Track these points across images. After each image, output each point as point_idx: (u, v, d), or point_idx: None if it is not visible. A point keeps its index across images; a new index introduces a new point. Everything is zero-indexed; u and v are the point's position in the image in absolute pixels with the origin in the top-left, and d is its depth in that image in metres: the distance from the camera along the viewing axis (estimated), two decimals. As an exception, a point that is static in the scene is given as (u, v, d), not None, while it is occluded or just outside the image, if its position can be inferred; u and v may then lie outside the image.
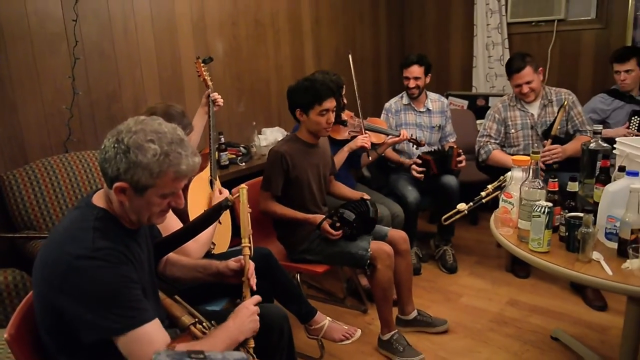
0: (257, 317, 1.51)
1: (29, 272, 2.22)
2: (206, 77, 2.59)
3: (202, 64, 2.62)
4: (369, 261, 2.43)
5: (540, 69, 3.21)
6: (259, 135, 3.66)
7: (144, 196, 1.35)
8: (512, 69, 3.20)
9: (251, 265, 1.63)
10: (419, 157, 3.32)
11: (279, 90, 4.02)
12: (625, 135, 3.28)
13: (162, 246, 1.68)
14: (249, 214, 1.64)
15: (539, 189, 1.91)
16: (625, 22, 4.14)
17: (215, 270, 1.70)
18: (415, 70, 3.43)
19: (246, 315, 1.49)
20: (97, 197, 1.43)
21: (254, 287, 1.60)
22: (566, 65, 4.49)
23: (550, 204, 1.80)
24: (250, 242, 1.62)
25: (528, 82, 3.17)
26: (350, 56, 3.28)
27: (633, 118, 3.35)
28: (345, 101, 3.21)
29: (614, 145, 2.12)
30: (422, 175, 3.27)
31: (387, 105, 3.61)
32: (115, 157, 1.31)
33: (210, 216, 1.68)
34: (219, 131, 3.35)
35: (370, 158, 3.13)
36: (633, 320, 2.00)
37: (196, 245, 1.91)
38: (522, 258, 1.88)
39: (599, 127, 2.32)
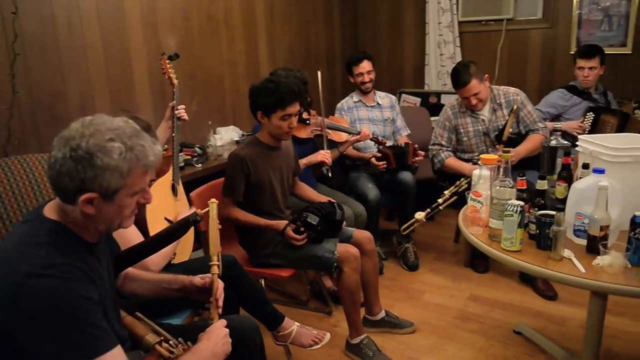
0: (230, 339, 1.42)
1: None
2: (171, 75, 2.44)
3: (167, 61, 2.46)
4: (335, 264, 2.37)
5: (486, 76, 3.16)
6: (214, 135, 3.52)
7: (115, 200, 1.22)
8: (458, 83, 3.13)
9: (220, 285, 1.52)
10: (378, 150, 3.32)
11: (233, 87, 3.90)
12: (577, 130, 3.37)
13: (122, 260, 1.54)
14: (218, 231, 1.53)
15: (509, 187, 1.90)
16: (570, 22, 4.27)
17: (179, 285, 1.58)
18: (367, 65, 3.48)
19: (219, 337, 1.38)
20: (49, 209, 1.28)
21: (220, 311, 1.50)
22: (515, 63, 4.59)
23: (522, 203, 1.79)
24: (219, 260, 1.51)
25: (475, 94, 3.12)
26: (319, 73, 3.22)
27: (588, 114, 3.44)
28: (310, 98, 3.14)
29: (576, 143, 2.14)
30: (385, 166, 3.24)
31: (339, 105, 3.62)
32: (75, 167, 1.17)
33: (177, 231, 1.56)
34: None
35: (330, 175, 3.08)
36: (597, 314, 2.02)
37: (157, 258, 1.78)
38: (495, 257, 1.87)
39: (559, 125, 2.35)
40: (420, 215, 2.39)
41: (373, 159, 3.27)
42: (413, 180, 3.32)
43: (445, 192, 2.46)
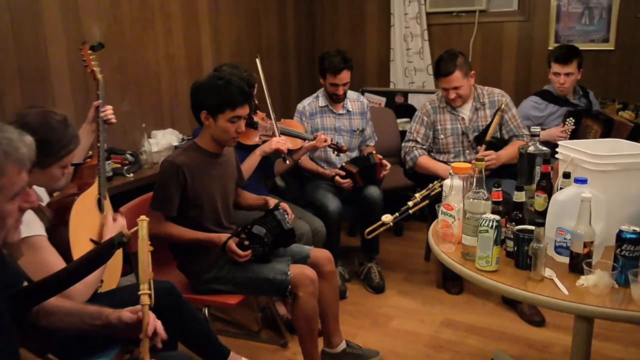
0: None
1: None
2: (95, 68, 2.36)
3: (89, 52, 2.38)
4: (289, 287, 2.34)
5: (472, 72, 3.25)
6: (149, 140, 3.44)
7: None
8: (439, 71, 3.21)
9: (152, 319, 1.46)
10: (342, 167, 3.29)
11: (171, 85, 3.83)
12: (559, 137, 3.43)
13: (36, 293, 1.46)
14: (149, 253, 1.46)
15: (484, 200, 1.91)
16: (548, 15, 4.40)
17: (105, 321, 1.51)
18: (346, 76, 3.38)
19: None
20: None
21: (159, 345, 1.43)
22: (489, 58, 4.70)
23: (498, 217, 1.80)
24: (150, 289, 1.45)
25: (455, 88, 3.19)
26: (258, 60, 3.17)
27: (568, 119, 3.50)
28: (256, 101, 3.10)
29: (556, 150, 2.18)
30: (350, 185, 3.24)
31: (299, 107, 3.54)
32: None
33: (100, 256, 1.49)
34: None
35: (287, 162, 3.03)
36: (582, 339, 2.06)
37: (81, 287, 1.70)
38: (469, 278, 1.87)
39: (537, 129, 2.39)
40: (387, 218, 2.39)
41: (337, 178, 3.26)
42: (380, 194, 3.33)
43: (417, 194, 2.48)
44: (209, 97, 2.35)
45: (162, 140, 3.53)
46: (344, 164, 3.30)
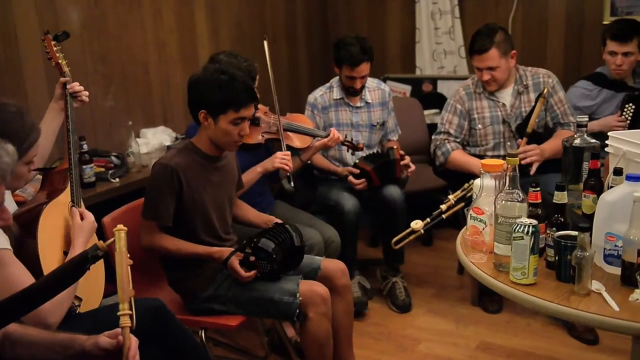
0: None
1: None
2: (60, 61, 2.39)
3: (52, 42, 2.42)
4: (297, 310, 2.35)
5: (513, 52, 3.24)
6: (137, 139, 3.48)
7: None
8: (474, 47, 3.22)
9: (133, 342, 1.48)
10: (355, 165, 3.31)
11: (162, 76, 3.87)
12: (616, 126, 3.38)
13: (0, 313, 1.49)
14: (129, 267, 1.49)
15: (518, 201, 1.90)
16: (601, -17, 4.35)
17: (79, 349, 1.53)
18: (365, 68, 3.39)
19: None
20: None
21: None
22: (531, 37, 4.67)
23: (535, 222, 1.80)
24: (131, 309, 1.47)
25: (491, 68, 3.19)
26: (265, 42, 3.18)
27: (627, 106, 3.43)
28: (258, 95, 3.11)
29: (606, 142, 2.17)
30: (364, 185, 3.25)
31: (310, 98, 3.56)
32: None
33: (71, 271, 1.51)
34: (80, 135, 3.13)
35: (291, 185, 3.06)
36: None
37: (52, 306, 1.72)
38: (502, 293, 1.87)
39: (584, 119, 2.37)
40: (417, 224, 2.40)
41: (350, 177, 3.28)
42: (401, 195, 3.34)
43: (450, 196, 2.48)
44: (209, 95, 2.36)
45: (153, 140, 3.57)
46: (357, 161, 3.31)
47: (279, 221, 2.62)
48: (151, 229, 2.40)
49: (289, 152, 3.03)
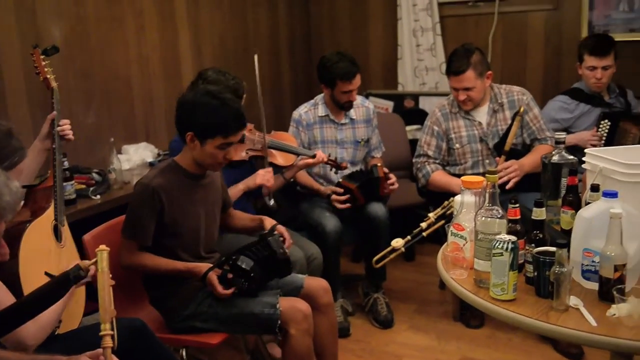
0: None
1: None
2: (48, 76, 2.40)
3: (41, 57, 2.42)
4: (279, 322, 2.35)
5: (489, 72, 3.28)
6: (119, 156, 3.47)
7: None
8: (450, 68, 3.26)
9: None
10: (339, 184, 3.32)
11: (144, 92, 3.87)
12: (592, 140, 3.44)
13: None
14: (111, 288, 1.48)
15: (498, 218, 1.92)
16: (579, 2, 4.42)
17: None
18: (359, 79, 3.42)
19: None
20: None
21: None
22: (511, 55, 4.73)
23: (514, 238, 1.81)
24: (113, 329, 1.46)
25: (467, 89, 3.23)
26: (256, 57, 3.19)
27: (603, 122, 3.50)
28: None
29: (583, 159, 2.19)
30: (348, 205, 3.26)
31: (295, 115, 3.57)
32: None
33: (53, 292, 1.50)
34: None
35: (272, 203, 3.07)
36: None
37: (33, 328, 1.71)
38: (482, 309, 1.88)
39: (562, 135, 2.40)
40: (398, 242, 2.42)
41: (334, 196, 3.28)
42: (385, 212, 3.36)
43: (430, 214, 2.50)
44: (199, 118, 2.34)
45: (135, 156, 3.55)
46: (340, 180, 3.33)
47: (273, 222, 2.62)
48: (131, 247, 2.40)
49: (271, 169, 3.04)
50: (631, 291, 1.78)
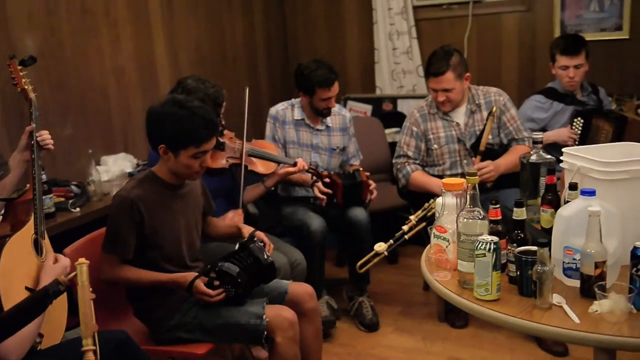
0: None
1: None
2: (26, 87, 2.37)
3: (18, 67, 2.39)
4: (265, 332, 2.34)
5: (467, 74, 3.32)
6: (98, 167, 3.44)
7: None
8: (429, 70, 3.29)
9: None
10: (328, 175, 3.31)
11: (121, 102, 3.85)
12: (570, 138, 3.49)
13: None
14: (92, 302, 1.47)
15: (479, 219, 1.93)
16: (551, 3, 4.49)
17: None
18: (337, 85, 3.44)
19: None
20: None
21: None
22: (486, 56, 4.79)
23: (496, 239, 1.83)
24: (95, 344, 1.45)
25: (446, 90, 3.26)
26: (247, 90, 3.23)
27: (576, 120, 3.56)
28: (223, 122, 3.12)
29: (561, 158, 2.22)
30: (325, 197, 3.26)
31: (272, 111, 3.57)
32: None
33: (33, 307, 1.49)
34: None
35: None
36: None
37: (14, 343, 1.69)
38: (467, 310, 1.90)
39: (539, 135, 2.43)
40: (381, 247, 2.44)
41: (319, 185, 3.27)
42: (367, 217, 3.37)
43: (411, 217, 2.51)
44: (168, 130, 2.32)
45: (114, 167, 3.52)
46: (332, 173, 3.34)
47: (250, 229, 2.59)
48: (112, 261, 2.37)
49: (239, 211, 3.02)
50: (612, 287, 1.81)
